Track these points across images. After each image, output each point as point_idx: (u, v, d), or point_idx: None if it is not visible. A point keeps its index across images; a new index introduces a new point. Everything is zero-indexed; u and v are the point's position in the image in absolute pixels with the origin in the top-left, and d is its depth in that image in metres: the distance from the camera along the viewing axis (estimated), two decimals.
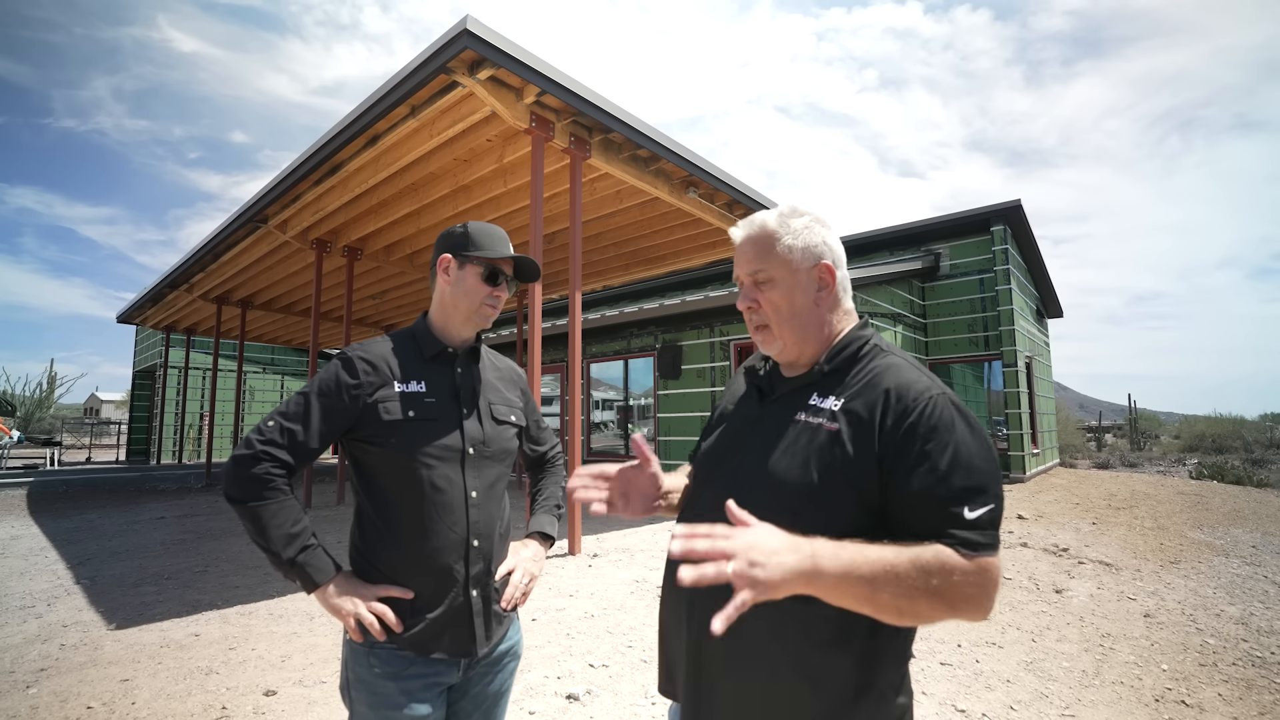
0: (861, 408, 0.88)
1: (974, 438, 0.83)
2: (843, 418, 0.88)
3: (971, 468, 0.81)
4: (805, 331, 0.99)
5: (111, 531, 7.29)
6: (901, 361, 0.93)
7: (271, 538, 1.12)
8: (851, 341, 0.97)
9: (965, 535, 0.79)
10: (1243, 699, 2.92)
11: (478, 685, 1.27)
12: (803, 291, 0.98)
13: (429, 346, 1.31)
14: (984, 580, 0.78)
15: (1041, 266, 13.99)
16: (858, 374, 0.92)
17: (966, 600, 0.77)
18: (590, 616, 3.85)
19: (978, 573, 0.78)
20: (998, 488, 0.83)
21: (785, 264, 0.98)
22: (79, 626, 3.85)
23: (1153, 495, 9.46)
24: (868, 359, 0.94)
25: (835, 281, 0.99)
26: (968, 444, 0.82)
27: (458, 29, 4.47)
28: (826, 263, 0.98)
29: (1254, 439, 20.72)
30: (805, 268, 0.98)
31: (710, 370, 10.41)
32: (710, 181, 7.00)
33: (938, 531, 0.79)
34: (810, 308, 0.98)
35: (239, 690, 2.89)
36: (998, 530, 0.81)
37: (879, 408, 0.86)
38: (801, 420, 0.92)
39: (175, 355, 17.01)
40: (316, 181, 6.95)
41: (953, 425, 0.83)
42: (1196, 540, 6.35)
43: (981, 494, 0.80)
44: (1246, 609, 4.19)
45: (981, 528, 0.79)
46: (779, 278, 0.98)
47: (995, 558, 0.80)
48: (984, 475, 0.81)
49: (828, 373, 0.95)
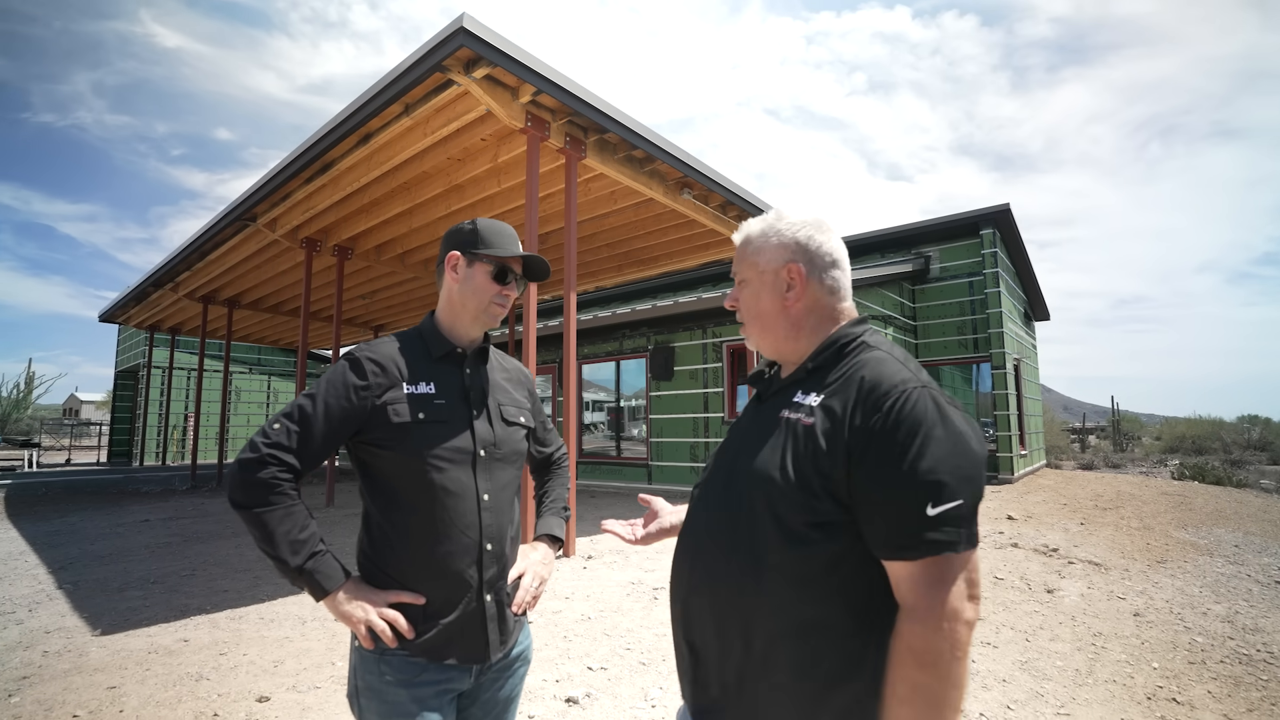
0: (837, 402, 0.88)
1: (947, 433, 0.80)
2: (820, 413, 0.88)
3: (938, 463, 0.78)
4: (774, 331, 1.02)
5: (94, 535, 7.14)
6: (885, 355, 0.91)
7: (279, 544, 1.09)
8: (839, 338, 0.97)
9: (926, 535, 0.77)
10: (1231, 696, 2.96)
11: (489, 691, 1.25)
12: (770, 292, 1.01)
13: (437, 347, 1.29)
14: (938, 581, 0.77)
15: (1029, 270, 14.17)
16: (841, 370, 0.92)
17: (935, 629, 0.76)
18: (587, 619, 3.83)
19: (928, 584, 0.77)
20: (969, 486, 0.79)
21: (753, 266, 1.03)
22: (62, 633, 3.76)
23: (1137, 496, 9.60)
24: (853, 354, 0.94)
25: (804, 281, 0.99)
26: (938, 439, 0.80)
27: (454, 27, 4.44)
28: (796, 264, 0.99)
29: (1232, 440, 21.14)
30: (772, 269, 1.01)
31: (702, 372, 10.42)
32: (705, 183, 7.00)
33: (899, 528, 0.79)
34: (778, 308, 1.00)
35: (231, 696, 2.84)
36: (966, 528, 0.79)
37: (852, 401, 0.86)
38: (785, 417, 0.93)
39: (159, 355, 16.73)
40: (307, 180, 6.87)
41: (923, 419, 0.80)
42: (1182, 540, 6.45)
43: (949, 488, 0.78)
44: (1232, 607, 4.26)
45: (947, 523, 0.77)
46: (749, 279, 1.04)
47: (961, 554, 0.78)
48: (951, 471, 0.79)
49: (812, 370, 0.96)
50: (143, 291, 11.82)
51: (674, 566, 1.02)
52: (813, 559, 0.84)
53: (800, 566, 0.85)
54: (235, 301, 12.27)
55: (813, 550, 0.84)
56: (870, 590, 0.84)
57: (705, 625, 0.93)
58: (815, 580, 0.84)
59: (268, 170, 7.01)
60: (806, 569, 0.84)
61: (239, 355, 19.54)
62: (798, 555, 0.85)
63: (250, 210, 7.81)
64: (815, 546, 0.84)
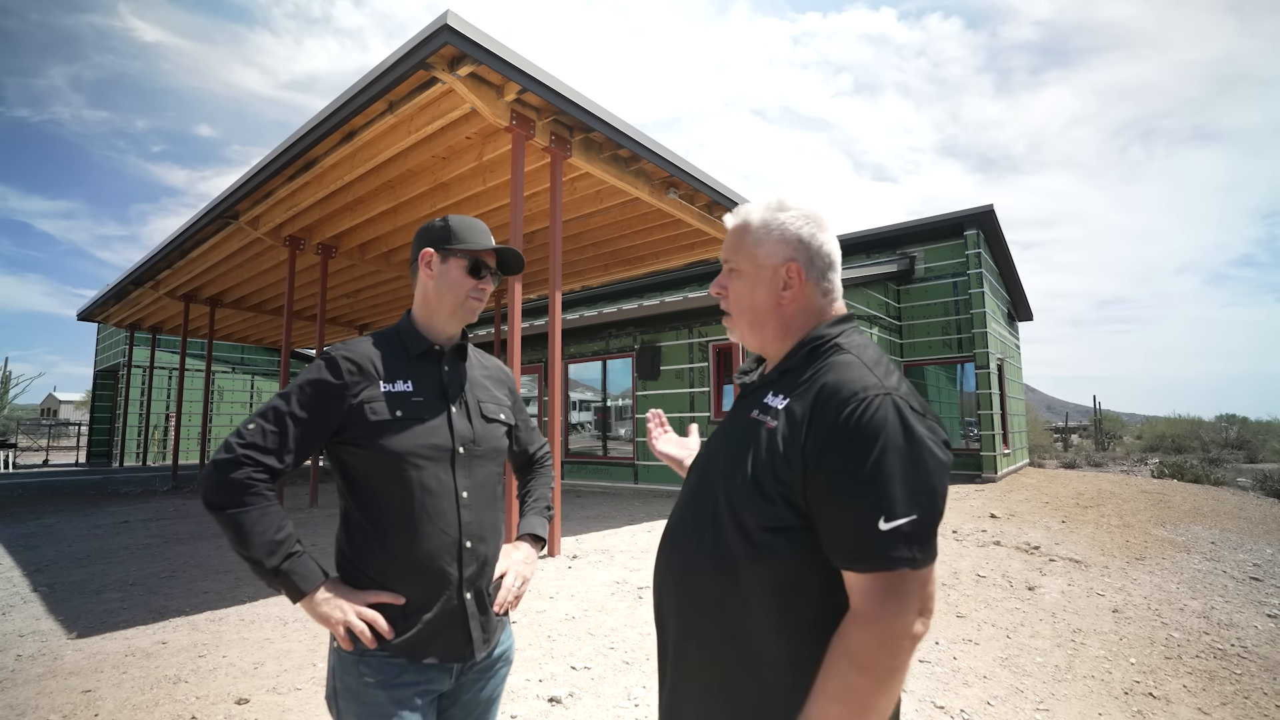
0: (799, 406, 0.85)
1: (908, 444, 0.77)
2: (783, 416, 0.86)
3: (892, 477, 0.76)
4: (762, 327, 0.99)
5: (71, 537, 7.01)
6: (853, 360, 0.87)
7: (254, 546, 1.07)
8: (814, 339, 0.93)
9: (878, 549, 0.75)
10: (1206, 690, 3.01)
11: (469, 691, 1.25)
12: (766, 288, 0.97)
13: (415, 344, 1.28)
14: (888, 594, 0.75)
15: (1013, 270, 14.34)
16: (810, 372, 0.89)
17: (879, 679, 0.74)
18: (571, 618, 3.82)
19: (878, 596, 0.75)
20: (927, 499, 0.77)
21: (752, 258, 0.98)
22: (36, 636, 3.69)
23: (1118, 494, 9.75)
24: (824, 355, 0.91)
25: (802, 282, 0.96)
26: (895, 450, 0.77)
27: (438, 24, 4.41)
28: (795, 263, 0.96)
29: (1210, 439, 21.57)
30: (771, 265, 0.97)
31: (689, 371, 10.44)
32: (690, 182, 7.01)
33: (852, 540, 0.77)
34: (772, 305, 0.97)
35: (209, 699, 2.80)
36: (920, 544, 0.76)
37: (811, 406, 0.84)
38: (753, 418, 0.91)
39: (140, 354, 16.49)
40: (290, 177, 6.79)
41: (882, 429, 0.77)
42: (1160, 537, 6.56)
43: (903, 502, 0.75)
44: (1208, 603, 4.33)
45: (899, 540, 0.75)
46: (745, 270, 0.99)
47: (917, 571, 0.76)
48: (907, 485, 0.76)
49: (785, 371, 0.94)
50: (123, 290, 11.62)
51: (657, 552, 1.03)
52: (771, 562, 0.83)
53: (758, 568, 0.84)
54: (217, 300, 12.10)
55: (772, 554, 0.84)
56: (822, 599, 0.82)
57: (669, 613, 0.95)
58: (773, 582, 0.83)
59: (250, 167, 6.92)
60: (765, 571, 0.84)
61: (222, 354, 19.28)
62: (755, 557, 0.84)
63: (232, 208, 7.71)
64: (774, 551, 0.83)
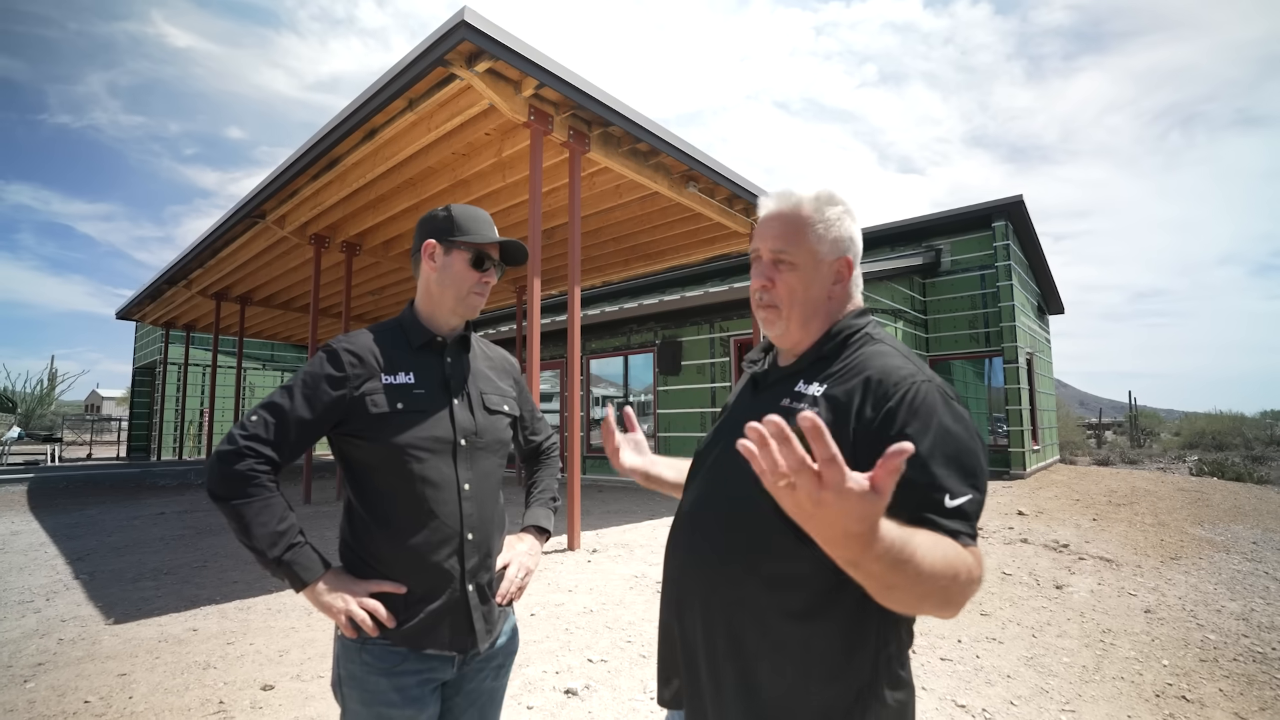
0: (841, 393, 0.86)
1: (958, 425, 0.80)
2: (823, 402, 0.87)
3: (953, 455, 0.78)
4: (811, 320, 0.98)
5: (111, 527, 7.28)
6: (889, 349, 0.91)
7: (256, 536, 1.09)
8: (844, 329, 0.96)
9: (944, 524, 0.75)
10: (1244, 694, 2.90)
11: (473, 681, 1.25)
12: (821, 282, 0.97)
13: (416, 336, 1.28)
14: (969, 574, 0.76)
15: (1043, 263, 13.96)
16: (844, 360, 0.91)
17: (951, 599, 0.73)
18: (589, 612, 3.84)
19: (970, 567, 0.75)
20: (981, 480, 0.79)
21: (812, 253, 0.97)
22: (77, 621, 3.84)
23: (1153, 492, 9.44)
24: (856, 346, 0.93)
25: (851, 276, 0.99)
26: (951, 430, 0.79)
27: (455, 20, 4.44)
28: (849, 257, 0.98)
29: (1254, 436, 20.70)
30: (829, 260, 0.97)
31: (710, 366, 10.39)
32: (710, 176, 6.96)
33: (914, 519, 0.76)
34: (823, 299, 0.98)
35: (236, 685, 2.88)
36: (976, 523, 0.78)
37: (858, 393, 0.85)
38: (785, 406, 0.91)
39: (175, 352, 17.01)
40: (314, 176, 6.92)
41: (934, 411, 0.80)
42: (1197, 536, 6.33)
43: (963, 482, 0.77)
44: (1247, 605, 4.17)
45: (961, 517, 0.76)
46: (802, 264, 0.97)
47: (970, 548, 0.76)
48: (966, 464, 0.78)
49: (816, 360, 0.95)
50: (157, 289, 12.00)
51: (669, 546, 1.01)
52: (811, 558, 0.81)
53: (796, 565, 0.83)
54: (247, 298, 12.42)
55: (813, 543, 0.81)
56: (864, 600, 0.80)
57: (693, 607, 0.93)
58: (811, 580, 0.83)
59: (275, 167, 7.07)
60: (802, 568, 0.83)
61: (252, 351, 19.79)
62: (794, 550, 0.82)
63: (259, 207, 7.89)
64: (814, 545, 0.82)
